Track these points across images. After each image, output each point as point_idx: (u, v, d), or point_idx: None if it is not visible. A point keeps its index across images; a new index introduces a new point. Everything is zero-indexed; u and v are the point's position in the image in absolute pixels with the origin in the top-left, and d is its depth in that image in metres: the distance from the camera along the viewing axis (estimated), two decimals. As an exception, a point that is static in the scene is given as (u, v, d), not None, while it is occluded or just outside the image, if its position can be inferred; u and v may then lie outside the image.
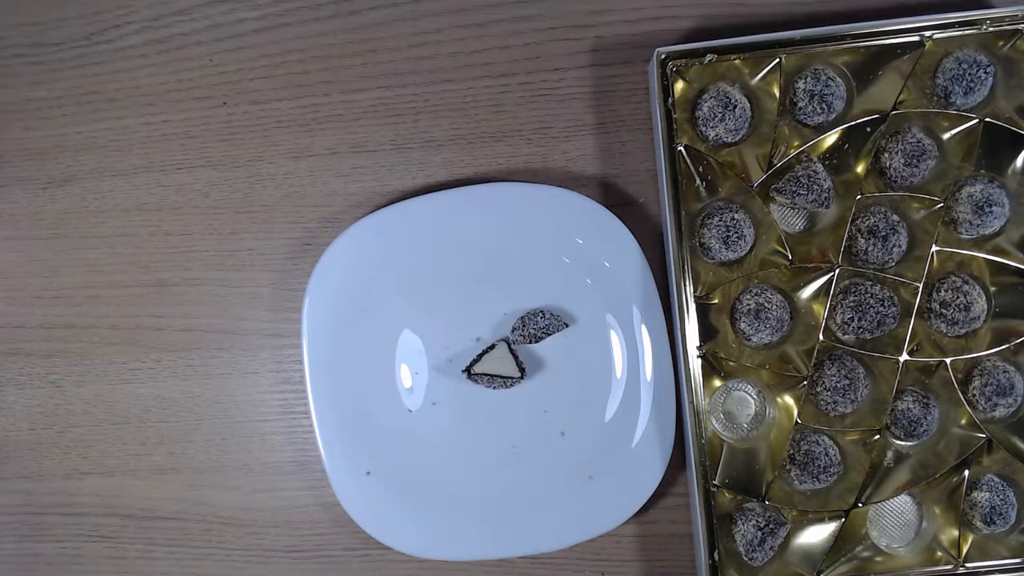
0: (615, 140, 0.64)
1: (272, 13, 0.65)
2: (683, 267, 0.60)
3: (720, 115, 0.59)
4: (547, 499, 0.63)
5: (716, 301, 0.60)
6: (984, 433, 0.59)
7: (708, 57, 0.60)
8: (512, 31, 0.64)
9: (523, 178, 0.65)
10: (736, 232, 0.59)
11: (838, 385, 0.59)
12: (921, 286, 0.59)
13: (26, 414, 0.67)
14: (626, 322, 0.63)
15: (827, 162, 0.60)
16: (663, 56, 0.60)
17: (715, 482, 0.59)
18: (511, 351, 0.62)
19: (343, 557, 0.66)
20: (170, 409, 0.66)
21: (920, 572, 0.60)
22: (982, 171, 0.60)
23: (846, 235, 0.59)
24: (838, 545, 0.60)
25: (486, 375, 0.62)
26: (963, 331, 0.60)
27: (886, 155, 0.60)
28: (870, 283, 0.60)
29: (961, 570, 0.60)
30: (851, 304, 0.59)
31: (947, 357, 0.60)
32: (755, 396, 0.62)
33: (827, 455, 0.59)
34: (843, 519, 0.60)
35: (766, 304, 0.59)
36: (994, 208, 0.59)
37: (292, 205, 0.66)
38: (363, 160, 0.65)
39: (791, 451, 0.60)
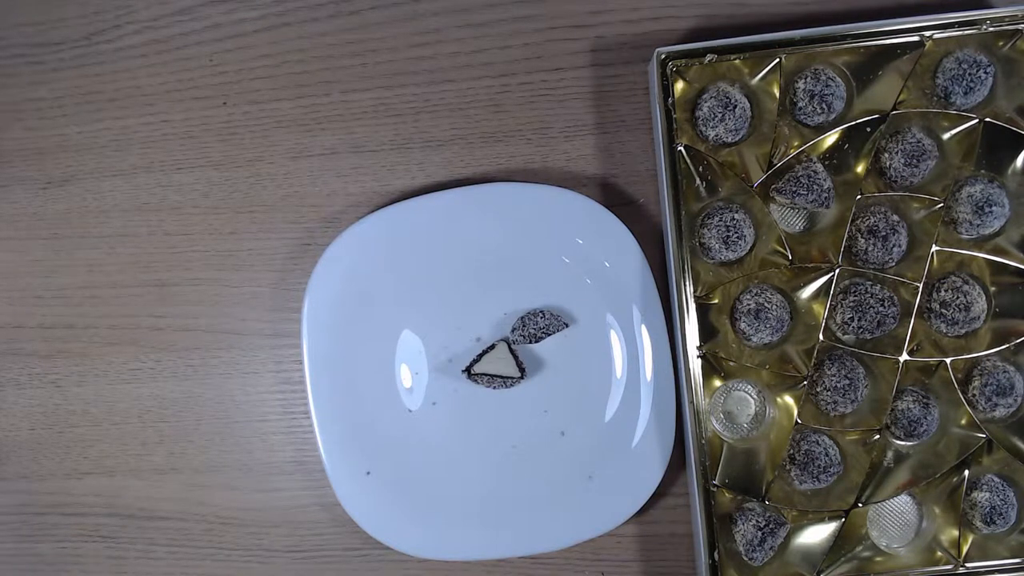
0: (615, 140, 0.64)
1: (272, 13, 0.65)
2: (683, 267, 0.60)
3: (720, 115, 0.59)
4: (547, 499, 0.63)
5: (716, 301, 0.60)
6: (984, 433, 0.59)
7: (708, 57, 0.60)
8: (512, 31, 0.64)
9: (523, 178, 0.65)
10: (736, 232, 0.59)
11: (838, 385, 0.59)
12: (921, 286, 0.59)
13: (26, 414, 0.67)
14: (626, 322, 0.63)
15: (827, 162, 0.60)
16: (663, 56, 0.60)
17: (715, 482, 0.59)
18: (511, 351, 0.62)
19: (343, 557, 0.66)
20: (170, 409, 0.66)
21: (920, 572, 0.60)
22: (982, 171, 0.60)
23: (846, 235, 0.59)
24: (838, 545, 0.60)
25: (486, 375, 0.62)
26: (963, 331, 0.60)
27: (886, 155, 0.60)
28: (870, 283, 0.60)
29: (961, 570, 0.60)
30: (851, 304, 0.59)
31: (947, 357, 0.60)
32: (755, 396, 0.62)
33: (827, 455, 0.59)
34: (843, 519, 0.60)
35: (766, 304, 0.59)
36: (994, 208, 0.59)
37: (292, 205, 0.66)
38: (363, 160, 0.65)
39: (791, 451, 0.60)
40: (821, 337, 0.59)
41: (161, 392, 0.66)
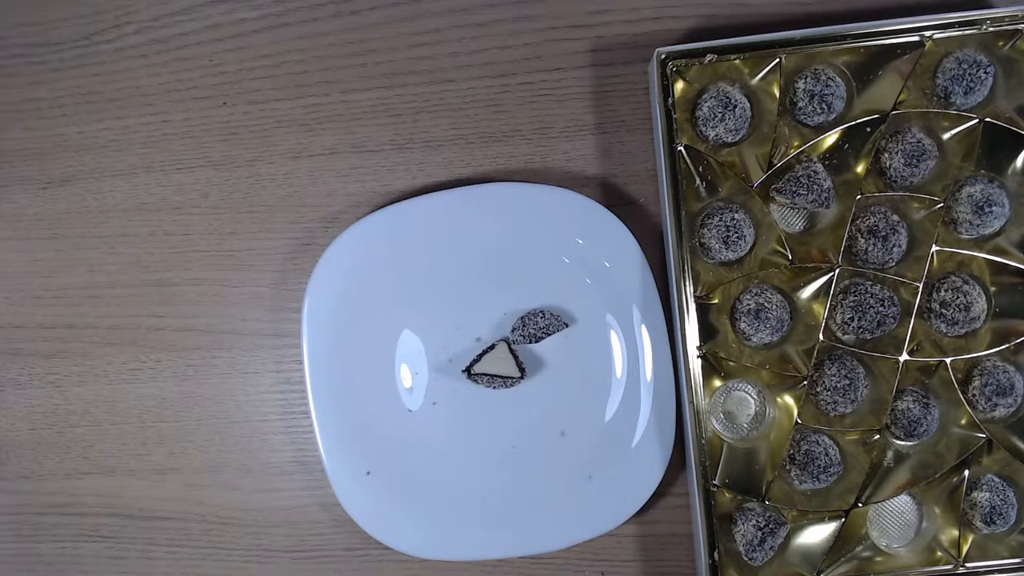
0: (615, 140, 0.64)
1: (272, 13, 0.65)
2: (683, 267, 0.60)
3: (720, 115, 0.59)
4: (547, 499, 0.63)
5: (716, 301, 0.60)
6: (984, 433, 0.59)
7: (708, 57, 0.60)
8: (512, 31, 0.64)
9: (523, 178, 0.65)
10: (736, 232, 0.59)
11: (838, 385, 0.59)
12: (921, 286, 0.59)
13: (26, 414, 0.67)
14: (626, 322, 0.63)
15: (827, 162, 0.60)
16: (663, 56, 0.60)
17: (715, 482, 0.59)
18: (511, 351, 0.62)
19: (343, 557, 0.66)
20: (170, 409, 0.66)
21: (920, 572, 0.60)
22: (982, 171, 0.60)
23: (846, 235, 0.59)
24: (838, 545, 0.60)
25: (486, 375, 0.62)
26: (963, 331, 0.60)
27: (886, 155, 0.60)
28: (870, 283, 0.60)
29: (961, 570, 0.60)
30: (851, 304, 0.59)
31: (947, 357, 0.60)
32: (755, 396, 0.62)
33: (827, 455, 0.59)
34: (843, 519, 0.60)
35: (766, 304, 0.59)
36: (994, 208, 0.59)
37: (292, 205, 0.66)
38: (363, 160, 0.65)
39: (791, 451, 0.60)
40: (821, 337, 0.59)
41: (161, 392, 0.66)
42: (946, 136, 0.60)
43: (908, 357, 0.60)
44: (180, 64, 0.66)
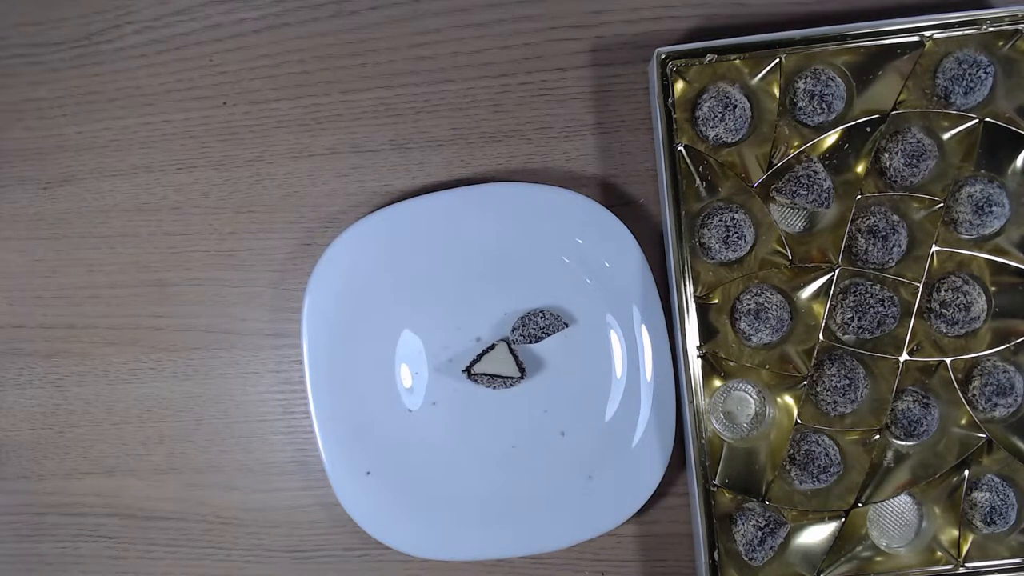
0: (615, 140, 0.64)
1: (272, 13, 0.65)
2: (683, 267, 0.60)
3: (720, 115, 0.59)
4: (547, 499, 0.63)
5: (716, 301, 0.60)
6: (984, 433, 0.59)
7: (708, 57, 0.60)
8: (512, 31, 0.64)
9: (523, 178, 0.65)
10: (736, 232, 0.59)
11: (838, 385, 0.59)
12: (921, 286, 0.59)
13: (26, 414, 0.67)
14: (626, 322, 0.63)
15: (827, 162, 0.60)
16: (663, 56, 0.60)
17: (715, 482, 0.59)
18: (511, 351, 0.62)
19: (343, 557, 0.66)
20: (170, 409, 0.66)
21: (920, 572, 0.60)
22: (982, 171, 0.60)
23: (846, 235, 0.59)
24: (838, 545, 0.60)
25: (486, 375, 0.62)
26: (963, 331, 0.60)
27: (886, 155, 0.60)
28: (870, 283, 0.60)
29: (961, 570, 0.60)
30: (851, 304, 0.59)
31: (947, 357, 0.60)
32: (755, 396, 0.62)
33: (827, 455, 0.59)
34: (843, 519, 0.60)
35: (766, 304, 0.59)
36: (994, 208, 0.59)
37: (292, 205, 0.66)
38: (363, 160, 0.65)
39: (791, 451, 0.60)
40: (821, 337, 0.59)
41: (161, 392, 0.66)
42: (946, 136, 0.60)
43: (908, 357, 0.60)
44: (180, 64, 0.66)
